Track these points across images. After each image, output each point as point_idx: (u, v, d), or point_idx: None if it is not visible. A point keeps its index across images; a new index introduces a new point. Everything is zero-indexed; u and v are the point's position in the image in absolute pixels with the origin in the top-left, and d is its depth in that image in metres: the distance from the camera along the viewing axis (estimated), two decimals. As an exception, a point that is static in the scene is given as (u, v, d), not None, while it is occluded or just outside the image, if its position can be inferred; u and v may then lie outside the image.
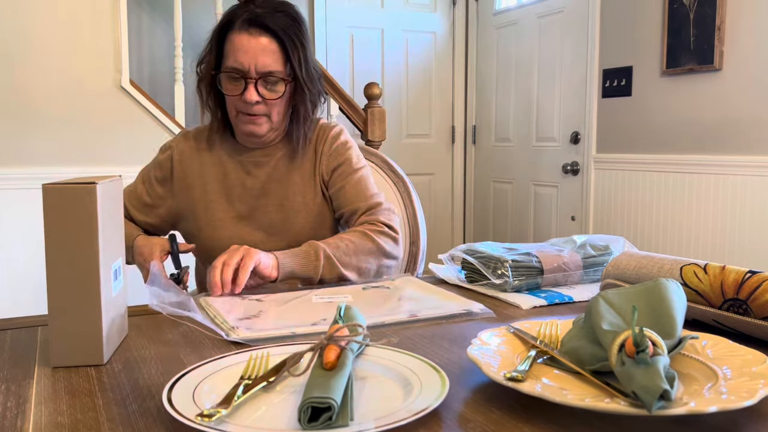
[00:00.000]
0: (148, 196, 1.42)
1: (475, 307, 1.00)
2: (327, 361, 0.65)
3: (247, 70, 1.26)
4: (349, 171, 1.38)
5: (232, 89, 1.29)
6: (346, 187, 1.37)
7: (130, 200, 1.43)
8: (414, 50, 4.21)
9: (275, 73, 1.28)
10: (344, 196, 1.37)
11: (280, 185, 1.38)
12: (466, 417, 0.62)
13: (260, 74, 1.27)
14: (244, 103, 1.28)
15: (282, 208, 1.38)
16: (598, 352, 0.67)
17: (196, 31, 3.68)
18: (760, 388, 0.59)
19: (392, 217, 1.34)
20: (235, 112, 1.32)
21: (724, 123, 2.74)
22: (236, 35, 1.27)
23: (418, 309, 1.00)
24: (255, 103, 1.27)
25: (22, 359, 0.80)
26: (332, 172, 1.39)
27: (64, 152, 2.65)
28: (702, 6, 2.75)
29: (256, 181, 1.38)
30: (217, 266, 1.10)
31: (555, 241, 1.28)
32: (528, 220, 3.92)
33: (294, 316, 0.97)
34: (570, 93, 3.54)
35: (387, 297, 1.10)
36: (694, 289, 0.89)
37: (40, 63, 2.60)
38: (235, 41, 1.27)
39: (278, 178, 1.38)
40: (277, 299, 1.08)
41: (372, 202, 1.35)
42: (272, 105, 1.30)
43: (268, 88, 1.29)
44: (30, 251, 2.54)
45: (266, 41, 1.27)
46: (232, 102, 1.31)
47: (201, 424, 0.55)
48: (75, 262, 0.75)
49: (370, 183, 1.40)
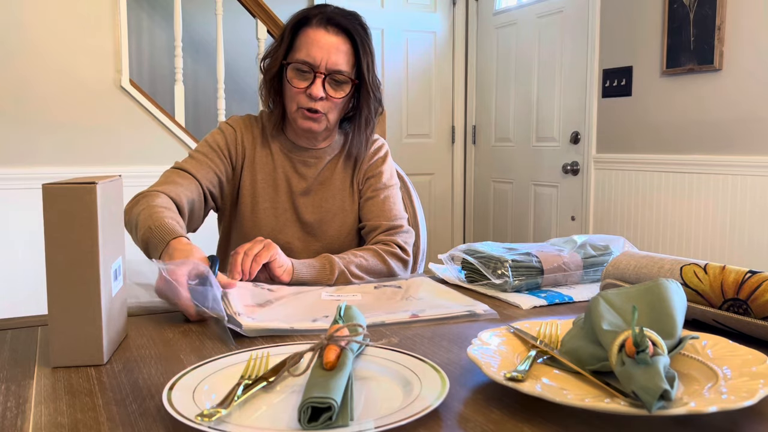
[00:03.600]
0: (212, 154, 1.36)
1: (479, 308, 0.99)
2: (327, 361, 0.65)
3: (318, 65, 1.29)
4: (380, 185, 1.42)
5: (299, 83, 1.31)
6: (373, 201, 1.41)
7: (196, 166, 1.33)
8: (414, 50, 4.21)
9: (344, 72, 1.30)
10: (369, 209, 1.40)
11: (322, 187, 1.41)
12: (466, 417, 0.62)
13: (329, 71, 1.29)
14: (308, 98, 1.30)
15: (320, 209, 1.40)
16: (598, 352, 0.67)
17: (197, 31, 3.68)
18: (760, 388, 0.59)
19: (409, 241, 1.37)
20: (295, 106, 1.32)
21: (724, 123, 2.74)
22: (312, 30, 1.30)
23: (422, 309, 1.00)
24: (319, 99, 1.29)
25: (22, 359, 0.80)
26: (366, 180, 1.43)
27: (64, 152, 2.65)
28: (702, 6, 2.75)
29: (302, 180, 1.40)
30: (239, 252, 1.12)
31: (555, 241, 1.28)
32: (528, 220, 3.92)
33: (299, 311, 0.98)
34: (570, 93, 3.54)
35: (396, 296, 1.10)
36: (694, 289, 0.89)
37: (40, 63, 2.60)
38: (310, 35, 1.30)
39: (322, 181, 1.42)
40: (289, 291, 1.10)
41: (394, 224, 1.38)
42: (334, 104, 1.32)
43: (333, 86, 1.31)
44: (30, 251, 2.54)
45: (340, 41, 1.30)
46: (295, 96, 1.32)
47: (201, 424, 0.55)
48: (75, 262, 0.75)
49: (398, 203, 1.43)
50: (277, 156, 1.41)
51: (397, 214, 1.40)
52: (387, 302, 1.06)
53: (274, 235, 1.37)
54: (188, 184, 1.30)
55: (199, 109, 3.68)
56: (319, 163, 1.41)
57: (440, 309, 0.99)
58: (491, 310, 0.99)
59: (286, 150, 1.41)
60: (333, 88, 1.31)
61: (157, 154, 2.78)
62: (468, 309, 0.99)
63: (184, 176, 1.31)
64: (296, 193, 1.40)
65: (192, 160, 1.35)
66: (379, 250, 1.31)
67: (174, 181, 1.29)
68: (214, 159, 1.36)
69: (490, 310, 0.99)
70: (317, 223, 1.40)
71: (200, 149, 1.38)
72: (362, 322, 0.80)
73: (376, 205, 1.40)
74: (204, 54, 3.70)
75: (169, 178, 1.30)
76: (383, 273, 1.30)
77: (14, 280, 2.55)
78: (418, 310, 0.99)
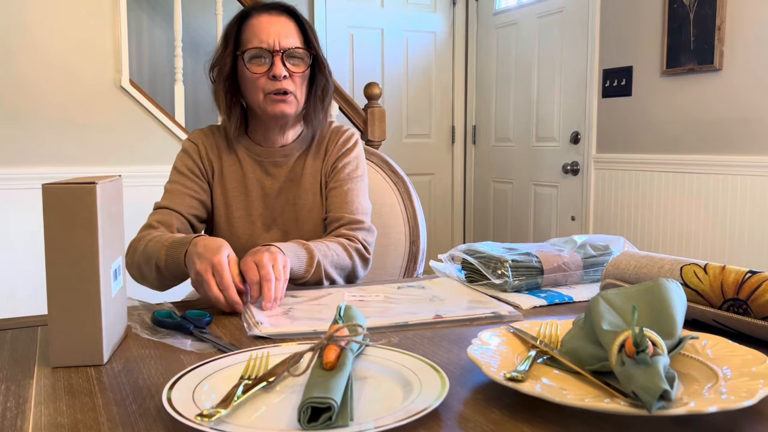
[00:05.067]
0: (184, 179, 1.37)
1: (504, 309, 0.99)
2: (327, 361, 0.65)
3: (272, 46, 1.30)
4: (345, 176, 1.40)
5: (258, 68, 1.31)
6: (337, 191, 1.39)
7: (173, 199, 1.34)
8: (414, 50, 4.21)
9: (298, 46, 1.32)
10: (332, 200, 1.38)
11: (293, 185, 1.40)
12: (466, 417, 0.62)
13: (284, 49, 1.30)
14: (272, 80, 1.30)
15: (295, 207, 1.39)
16: (598, 352, 0.67)
17: (197, 31, 3.68)
18: (760, 388, 0.59)
19: (370, 240, 1.37)
20: (261, 95, 1.32)
21: (724, 123, 2.74)
22: (255, 19, 1.33)
23: (446, 310, 0.99)
24: (283, 77, 1.30)
25: (22, 359, 0.80)
26: (333, 170, 1.41)
27: (64, 152, 2.65)
28: (702, 6, 2.75)
29: (275, 181, 1.39)
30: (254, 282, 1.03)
31: (555, 241, 1.28)
32: (528, 220, 3.92)
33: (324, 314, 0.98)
34: (570, 93, 3.54)
35: (420, 297, 1.09)
36: (694, 289, 0.89)
37: (40, 63, 2.60)
38: (255, 24, 1.32)
39: (293, 178, 1.40)
40: (310, 296, 1.10)
41: (357, 217, 1.36)
42: (297, 81, 1.33)
43: (292, 63, 1.32)
44: (30, 251, 2.54)
45: (285, 19, 1.33)
46: (258, 84, 1.31)
47: (201, 424, 0.55)
48: (75, 262, 0.75)
49: (363, 196, 1.41)
50: (246, 162, 1.39)
51: (359, 208, 1.38)
52: (411, 303, 1.05)
53: (253, 241, 1.35)
54: (171, 220, 1.31)
55: (199, 109, 3.68)
56: (288, 161, 1.40)
57: (464, 310, 0.99)
58: (516, 312, 0.98)
59: (253, 154, 1.40)
60: (292, 64, 1.32)
61: (157, 154, 2.78)
62: (492, 310, 0.98)
63: (164, 214, 1.32)
64: (270, 195, 1.39)
65: (167, 194, 1.36)
66: (347, 245, 1.30)
67: (152, 224, 1.29)
68: (187, 183, 1.36)
69: (515, 311, 0.98)
70: (293, 222, 1.39)
71: (172, 178, 1.38)
72: (362, 322, 0.80)
73: (339, 196, 1.38)
74: (204, 54, 3.70)
75: (149, 222, 1.31)
76: (347, 269, 1.29)
77: (14, 280, 2.55)
78: (441, 311, 0.99)
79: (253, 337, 0.88)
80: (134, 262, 1.25)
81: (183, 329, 0.89)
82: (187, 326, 0.89)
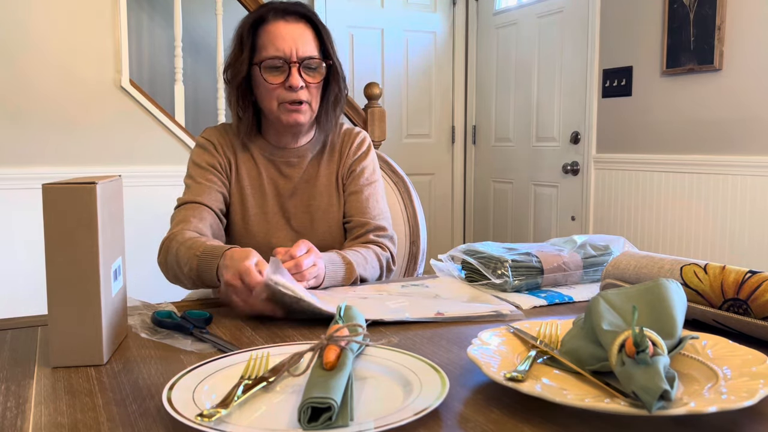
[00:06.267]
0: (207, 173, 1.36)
1: (505, 308, 0.99)
2: (327, 361, 0.65)
3: (290, 56, 1.28)
4: (364, 180, 1.41)
5: (275, 78, 1.29)
6: (358, 196, 1.39)
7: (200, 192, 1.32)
8: (414, 50, 4.21)
9: (315, 56, 1.31)
10: (354, 204, 1.39)
11: (307, 185, 1.40)
12: (466, 417, 0.62)
13: (301, 59, 1.29)
14: (288, 91, 1.29)
15: (309, 208, 1.40)
16: (598, 352, 0.67)
17: (197, 31, 3.68)
18: (760, 388, 0.59)
19: (393, 249, 1.38)
20: (276, 103, 1.31)
21: (724, 123, 2.74)
22: (272, 25, 1.30)
23: (447, 307, 1.00)
24: (300, 88, 1.29)
25: (22, 359, 0.80)
26: (350, 174, 1.41)
27: (65, 152, 2.64)
28: (702, 6, 2.75)
29: (288, 182, 1.40)
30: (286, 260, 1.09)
31: (555, 241, 1.28)
32: (528, 220, 3.92)
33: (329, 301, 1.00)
34: (570, 93, 3.54)
35: (423, 295, 1.10)
36: (694, 289, 0.89)
37: (40, 63, 2.60)
38: (272, 30, 1.29)
39: (307, 179, 1.41)
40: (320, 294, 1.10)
41: (381, 224, 1.38)
42: (313, 91, 1.32)
43: (309, 73, 1.31)
44: (30, 251, 2.54)
45: (302, 27, 1.31)
46: (274, 93, 1.30)
47: (201, 424, 0.55)
48: (75, 262, 0.75)
49: (381, 200, 1.43)
50: (260, 161, 1.39)
51: (380, 213, 1.40)
52: (414, 300, 1.06)
53: (267, 240, 1.36)
54: (202, 214, 1.29)
55: (199, 109, 3.68)
56: (303, 162, 1.40)
57: (465, 308, 0.99)
58: (518, 311, 0.98)
59: (267, 153, 1.39)
60: (308, 74, 1.31)
61: (157, 154, 2.77)
62: (494, 309, 0.98)
63: (194, 208, 1.30)
64: (284, 195, 1.39)
65: (192, 188, 1.33)
66: (380, 257, 1.32)
67: (186, 219, 1.27)
68: (211, 178, 1.35)
69: (517, 310, 0.99)
70: (308, 223, 1.39)
71: (194, 174, 1.35)
72: (362, 322, 0.80)
73: (362, 201, 1.39)
74: (204, 54, 3.70)
75: (181, 217, 1.28)
76: (375, 279, 1.31)
77: (14, 280, 2.55)
78: (443, 308, 0.99)
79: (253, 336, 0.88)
80: (167, 264, 1.23)
81: (183, 329, 0.89)
82: (187, 326, 0.89)
